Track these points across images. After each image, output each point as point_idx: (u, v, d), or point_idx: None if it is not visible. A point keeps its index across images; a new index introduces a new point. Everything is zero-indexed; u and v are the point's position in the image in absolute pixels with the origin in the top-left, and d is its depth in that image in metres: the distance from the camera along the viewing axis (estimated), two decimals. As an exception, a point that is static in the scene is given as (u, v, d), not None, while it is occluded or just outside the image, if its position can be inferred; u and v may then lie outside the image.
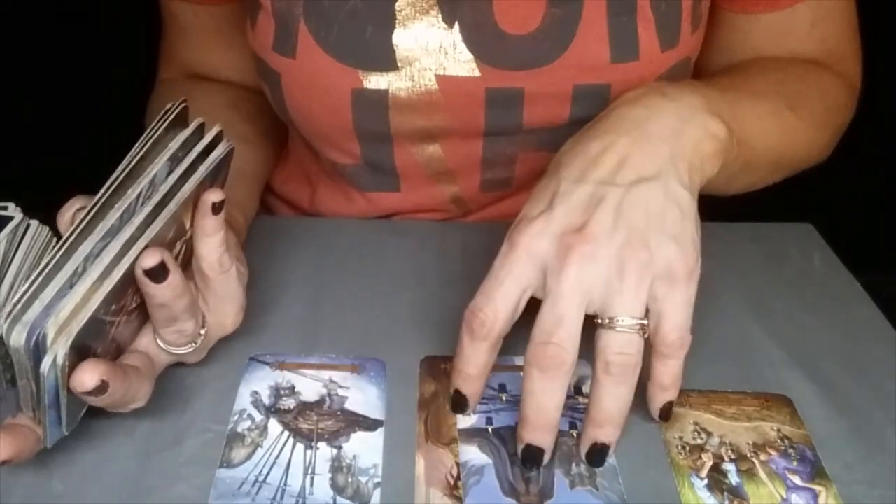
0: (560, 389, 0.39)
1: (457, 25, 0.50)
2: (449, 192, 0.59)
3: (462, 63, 0.50)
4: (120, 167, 0.36)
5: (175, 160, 0.37)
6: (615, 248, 0.39)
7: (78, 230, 0.34)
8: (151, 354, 0.41)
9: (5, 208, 0.37)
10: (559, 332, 0.38)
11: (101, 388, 0.35)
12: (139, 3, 0.67)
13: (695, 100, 0.44)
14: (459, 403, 0.42)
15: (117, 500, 0.38)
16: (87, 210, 0.35)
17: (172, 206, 0.36)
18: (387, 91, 0.51)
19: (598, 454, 0.40)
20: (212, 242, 0.39)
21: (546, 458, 0.40)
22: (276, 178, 0.66)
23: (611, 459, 0.40)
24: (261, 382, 0.44)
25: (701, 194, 0.43)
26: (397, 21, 0.50)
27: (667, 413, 0.42)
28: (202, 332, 0.42)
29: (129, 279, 0.36)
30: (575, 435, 0.42)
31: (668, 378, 0.41)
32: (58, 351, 0.33)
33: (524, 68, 0.50)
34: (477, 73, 0.50)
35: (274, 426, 0.42)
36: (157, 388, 0.42)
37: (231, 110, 0.61)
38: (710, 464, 0.41)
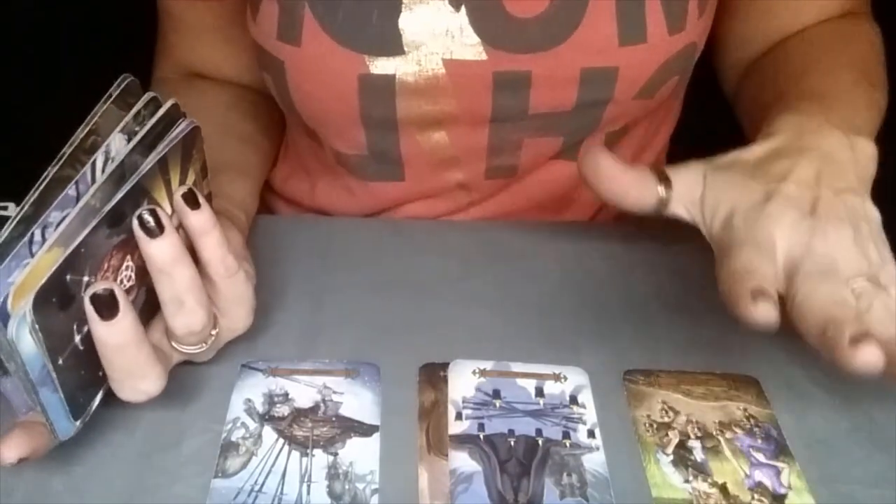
0: None
1: (463, 9, 0.49)
2: (454, 180, 0.58)
3: (469, 47, 0.50)
4: (66, 146, 0.36)
5: (131, 134, 0.37)
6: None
7: (29, 202, 0.34)
8: (165, 351, 0.40)
9: (5, 208, 0.37)
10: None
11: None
12: (138, 3, 0.67)
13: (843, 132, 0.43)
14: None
15: (117, 500, 0.38)
16: (36, 185, 0.34)
17: (128, 175, 0.35)
18: (393, 76, 0.51)
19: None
20: (209, 242, 0.38)
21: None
22: (276, 175, 0.66)
23: (602, 470, 0.40)
24: (253, 389, 0.44)
25: None
26: (403, 4, 0.49)
27: None
28: (213, 332, 0.41)
29: (99, 245, 0.34)
30: (568, 445, 0.41)
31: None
32: (25, 309, 0.32)
33: (531, 51, 0.50)
34: (484, 56, 0.50)
35: (268, 434, 0.41)
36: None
37: (229, 109, 0.61)
38: (676, 441, 0.42)
